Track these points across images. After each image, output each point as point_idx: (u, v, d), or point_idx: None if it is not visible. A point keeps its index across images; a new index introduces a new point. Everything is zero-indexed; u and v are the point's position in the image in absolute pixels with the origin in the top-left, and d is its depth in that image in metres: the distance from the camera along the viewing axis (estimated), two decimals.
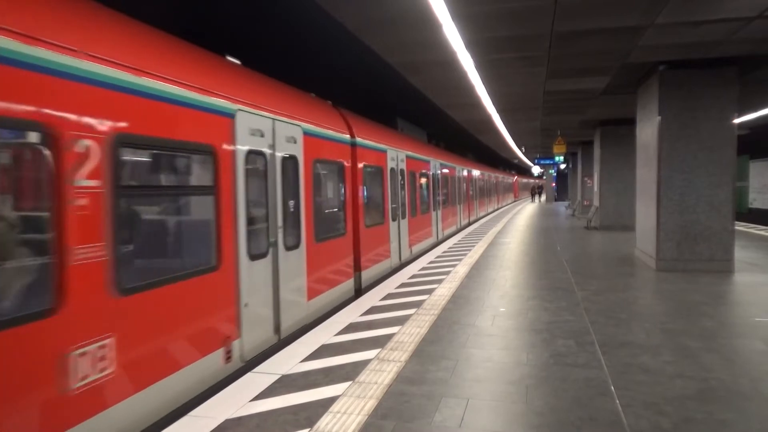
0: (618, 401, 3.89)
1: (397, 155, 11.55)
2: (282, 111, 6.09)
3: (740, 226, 16.18)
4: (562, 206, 37.07)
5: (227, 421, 3.62)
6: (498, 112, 15.69)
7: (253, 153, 5.38)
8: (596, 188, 19.12)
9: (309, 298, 6.59)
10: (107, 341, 3.42)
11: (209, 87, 4.72)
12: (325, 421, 3.60)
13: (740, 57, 8.93)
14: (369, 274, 9.21)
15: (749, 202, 26.01)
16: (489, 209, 31.27)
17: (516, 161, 49.09)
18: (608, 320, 6.17)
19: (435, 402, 3.91)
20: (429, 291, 7.95)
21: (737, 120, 9.59)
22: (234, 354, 4.87)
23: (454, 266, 10.34)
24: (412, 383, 4.29)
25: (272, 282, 5.66)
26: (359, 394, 4.06)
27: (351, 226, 8.46)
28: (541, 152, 35.75)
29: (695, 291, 7.77)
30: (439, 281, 8.75)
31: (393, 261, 10.83)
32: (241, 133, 5.13)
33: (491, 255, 11.94)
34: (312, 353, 5.08)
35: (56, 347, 3.04)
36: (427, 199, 14.83)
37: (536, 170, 52.44)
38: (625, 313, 6.50)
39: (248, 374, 4.54)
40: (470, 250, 12.84)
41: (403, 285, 8.51)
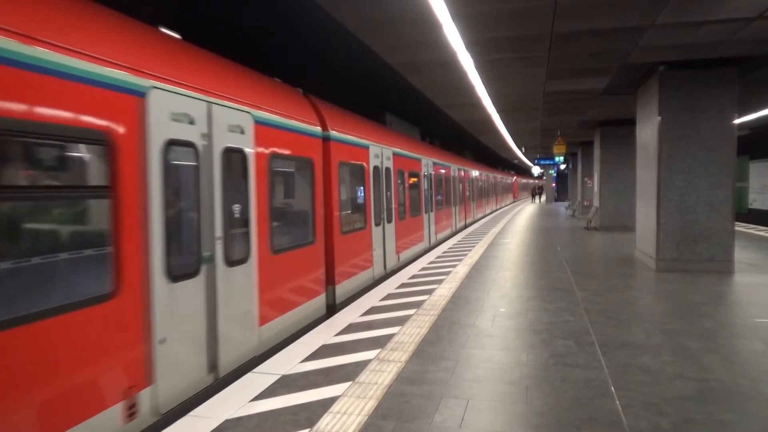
0: (618, 402, 3.89)
1: (383, 152, 10.48)
2: (223, 93, 4.95)
3: (740, 227, 16.19)
4: (562, 207, 37.08)
5: (227, 422, 3.62)
6: (498, 113, 15.69)
7: (178, 144, 4.24)
8: (596, 189, 19.12)
9: (261, 323, 5.46)
10: None
11: (104, 55, 3.56)
12: (326, 422, 3.60)
13: (740, 57, 8.94)
14: (345, 288, 8.08)
15: (749, 203, 25.99)
16: (487, 210, 30.79)
17: (516, 161, 49.10)
18: (608, 321, 6.17)
19: (435, 402, 3.91)
20: (429, 291, 7.95)
21: (737, 120, 9.59)
22: (141, 407, 3.74)
23: (455, 266, 10.34)
24: (412, 383, 4.29)
25: (205, 307, 4.52)
26: (359, 395, 4.06)
27: (321, 233, 7.26)
28: (541, 152, 35.76)
29: (695, 291, 7.77)
30: (440, 281, 8.74)
31: (376, 270, 9.75)
32: (157, 118, 4.01)
33: (491, 255, 11.94)
34: (312, 353, 5.08)
35: None
36: (418, 201, 13.91)
37: (536, 170, 52.45)
38: (625, 314, 6.50)
39: (248, 374, 4.54)
40: (470, 251, 12.84)
41: (403, 285, 8.51)
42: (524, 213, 30.50)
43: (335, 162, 7.81)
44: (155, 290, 3.92)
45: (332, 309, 7.42)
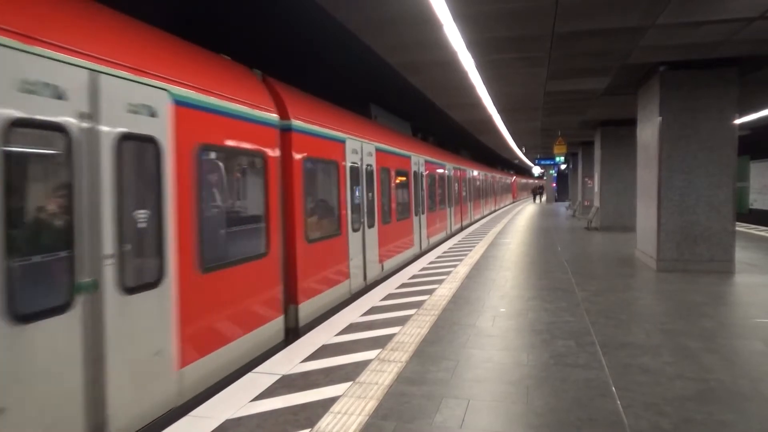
0: (618, 402, 3.90)
1: (363, 147, 9.17)
2: (121, 61, 3.75)
3: (740, 227, 16.17)
4: (563, 207, 37.10)
5: (227, 422, 3.62)
6: (498, 113, 15.70)
7: (30, 125, 3.08)
8: (596, 189, 19.13)
9: (183, 365, 4.28)
10: None
11: None
12: (326, 422, 3.60)
13: (741, 58, 8.94)
14: (313, 306, 6.86)
15: (750, 203, 26.00)
16: (485, 212, 29.99)
17: (516, 161, 49.09)
18: (608, 321, 6.17)
19: (435, 402, 3.92)
20: (429, 291, 7.96)
21: (738, 121, 9.59)
22: None
23: (455, 266, 10.35)
24: (413, 384, 4.29)
25: (82, 355, 3.32)
26: (360, 395, 4.06)
27: (278, 243, 6.05)
28: (542, 152, 35.77)
29: (695, 292, 7.77)
30: (440, 281, 8.75)
31: (354, 283, 8.46)
32: None
33: (491, 255, 11.94)
34: (312, 353, 5.08)
35: None
36: (407, 202, 12.68)
37: (536, 170, 52.45)
38: (626, 314, 6.50)
39: (249, 374, 4.54)
40: (471, 251, 12.84)
41: (404, 285, 8.51)
42: (524, 213, 30.50)
43: (299, 157, 6.64)
44: None
45: (294, 333, 6.28)
